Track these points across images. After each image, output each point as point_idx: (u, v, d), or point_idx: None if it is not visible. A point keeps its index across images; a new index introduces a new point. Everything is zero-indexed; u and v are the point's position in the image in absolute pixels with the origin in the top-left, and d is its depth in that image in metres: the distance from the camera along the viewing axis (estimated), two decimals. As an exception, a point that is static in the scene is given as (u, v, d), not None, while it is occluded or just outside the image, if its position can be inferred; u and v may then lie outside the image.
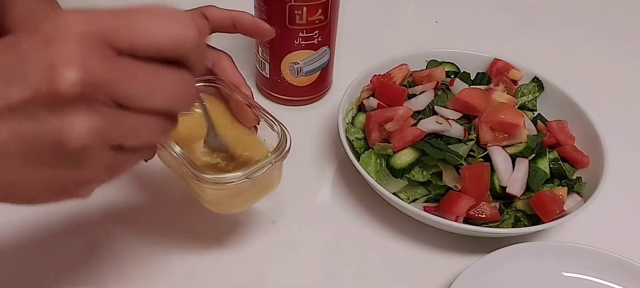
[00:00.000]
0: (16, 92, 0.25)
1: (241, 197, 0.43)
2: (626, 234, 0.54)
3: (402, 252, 0.51)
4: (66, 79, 0.25)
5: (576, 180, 0.53)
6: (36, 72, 0.25)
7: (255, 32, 0.49)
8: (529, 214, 0.49)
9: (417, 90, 0.58)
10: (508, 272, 0.46)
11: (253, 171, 0.40)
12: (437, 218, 0.48)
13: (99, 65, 0.25)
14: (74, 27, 0.25)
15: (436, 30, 0.82)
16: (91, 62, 0.25)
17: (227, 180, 0.39)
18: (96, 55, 0.25)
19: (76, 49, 0.25)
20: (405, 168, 0.50)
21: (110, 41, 0.26)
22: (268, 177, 0.42)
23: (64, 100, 0.25)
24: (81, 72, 0.25)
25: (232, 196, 0.43)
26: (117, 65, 0.26)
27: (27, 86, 0.25)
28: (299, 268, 0.49)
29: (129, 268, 0.48)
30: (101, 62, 0.25)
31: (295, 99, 0.64)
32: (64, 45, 0.25)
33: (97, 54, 0.25)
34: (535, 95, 0.61)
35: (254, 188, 0.43)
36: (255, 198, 0.46)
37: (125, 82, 0.26)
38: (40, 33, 0.26)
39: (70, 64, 0.25)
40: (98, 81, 0.25)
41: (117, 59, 0.26)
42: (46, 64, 0.25)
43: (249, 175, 0.40)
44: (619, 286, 0.47)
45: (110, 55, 0.26)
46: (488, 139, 0.51)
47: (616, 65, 0.77)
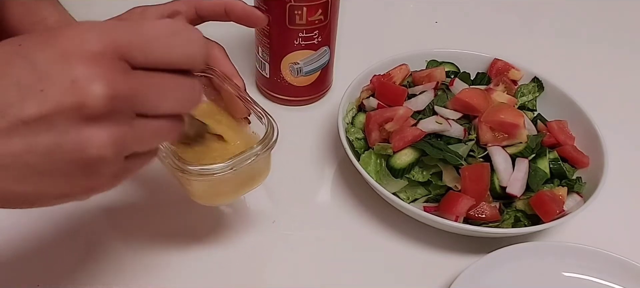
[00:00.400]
0: (33, 107, 0.25)
1: (227, 188, 0.43)
2: (626, 234, 0.54)
3: (402, 252, 0.51)
4: (94, 94, 0.26)
5: (576, 180, 0.53)
6: (57, 88, 0.25)
7: (247, 19, 0.50)
8: (529, 214, 0.49)
9: (417, 90, 0.58)
10: (508, 272, 0.46)
11: (238, 162, 0.40)
12: (437, 218, 0.48)
13: (120, 79, 0.27)
14: (91, 44, 0.26)
15: (436, 30, 0.82)
16: (112, 77, 0.26)
17: (212, 171, 0.39)
18: (116, 70, 0.27)
19: (97, 65, 0.26)
20: (405, 168, 0.50)
21: (125, 56, 0.27)
22: (254, 169, 0.42)
23: (89, 115, 0.26)
24: (107, 87, 0.26)
25: (218, 187, 0.42)
26: (135, 77, 0.28)
27: (47, 101, 0.25)
28: (299, 268, 0.49)
29: (128, 268, 0.48)
30: (121, 76, 0.27)
31: (295, 99, 0.64)
32: (85, 62, 0.26)
33: (116, 69, 0.27)
34: (535, 95, 0.61)
35: (239, 179, 0.42)
36: (242, 190, 0.45)
37: (144, 94, 0.28)
38: (56, 48, 0.26)
39: (95, 80, 0.26)
40: (121, 94, 0.27)
41: (134, 72, 0.28)
42: (68, 81, 0.26)
43: (233, 166, 0.39)
44: (619, 286, 0.47)
45: (127, 69, 0.27)
46: (488, 138, 0.51)
47: (616, 65, 0.77)
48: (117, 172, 0.29)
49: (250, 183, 0.45)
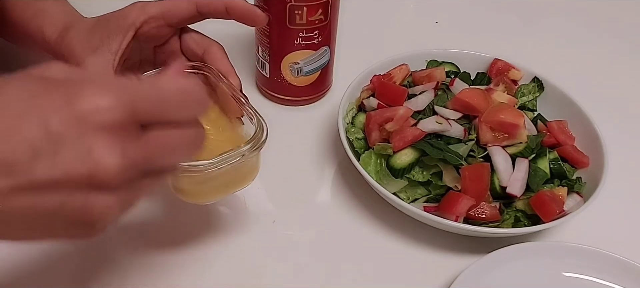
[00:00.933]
0: (44, 170, 0.25)
1: (213, 186, 0.43)
2: (626, 234, 0.54)
3: (402, 252, 0.51)
4: (107, 165, 0.26)
5: (576, 180, 0.53)
6: (71, 155, 0.25)
7: (247, 18, 0.50)
8: (529, 214, 0.49)
9: (417, 90, 0.58)
10: (508, 272, 0.46)
11: (224, 159, 0.40)
12: (437, 218, 0.48)
13: (134, 150, 0.27)
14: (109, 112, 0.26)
15: (436, 30, 0.82)
16: (128, 148, 0.27)
17: (197, 168, 0.39)
18: (131, 139, 0.27)
19: (114, 138, 0.26)
20: (405, 168, 0.50)
21: (140, 119, 0.28)
22: (242, 168, 0.42)
23: (103, 185, 0.26)
24: (121, 159, 0.26)
25: (204, 185, 0.42)
26: (148, 144, 0.28)
27: (58, 166, 0.25)
28: (299, 268, 0.49)
29: (128, 268, 0.48)
30: (134, 144, 0.27)
31: (295, 99, 0.64)
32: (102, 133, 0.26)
33: (131, 137, 0.27)
34: (535, 95, 0.61)
35: (226, 178, 0.42)
36: (229, 190, 0.45)
37: (155, 155, 0.29)
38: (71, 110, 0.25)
39: (112, 153, 0.26)
40: (134, 163, 0.27)
41: (146, 137, 0.28)
42: (83, 149, 0.25)
43: (220, 163, 0.39)
44: (619, 286, 0.47)
45: (139, 133, 0.28)
46: (488, 139, 0.51)
47: (616, 65, 0.77)
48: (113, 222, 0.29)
49: (238, 183, 0.44)
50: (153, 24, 0.49)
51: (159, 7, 0.49)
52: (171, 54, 0.52)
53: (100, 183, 0.26)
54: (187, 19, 0.50)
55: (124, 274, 0.47)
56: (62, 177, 0.25)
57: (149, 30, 0.49)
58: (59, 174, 0.25)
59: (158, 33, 0.50)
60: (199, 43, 0.51)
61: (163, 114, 0.29)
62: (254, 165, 0.44)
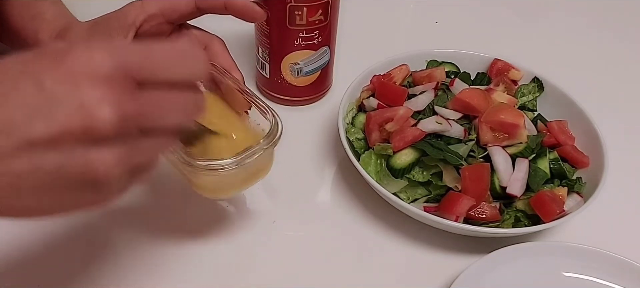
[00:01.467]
0: (41, 128, 0.25)
1: (232, 182, 0.44)
2: (626, 234, 0.54)
3: (402, 252, 0.51)
4: (102, 117, 0.26)
5: (576, 180, 0.53)
6: (66, 111, 0.25)
7: (246, 14, 0.50)
8: (529, 214, 0.49)
9: (417, 91, 0.58)
10: (508, 272, 0.46)
11: (245, 157, 0.40)
12: (437, 218, 0.48)
13: (128, 101, 0.27)
14: (100, 65, 0.26)
15: (436, 30, 0.82)
16: (121, 99, 0.27)
17: (219, 166, 0.39)
18: (124, 91, 0.27)
19: (108, 89, 0.26)
20: (406, 168, 0.50)
21: (134, 76, 0.28)
22: (259, 163, 0.42)
23: (97, 137, 0.26)
24: (115, 110, 0.26)
25: (223, 181, 0.43)
26: (144, 99, 0.28)
27: (55, 123, 0.25)
28: (299, 268, 0.49)
29: (128, 268, 0.48)
30: (129, 98, 0.27)
31: (295, 99, 0.64)
32: (95, 84, 0.26)
33: (125, 90, 0.27)
34: (535, 95, 0.61)
35: (245, 174, 0.43)
36: (246, 184, 0.46)
37: (151, 112, 0.29)
38: (64, 68, 0.26)
39: (105, 103, 0.26)
40: (129, 116, 0.27)
41: (142, 92, 0.28)
42: (77, 102, 0.26)
43: (240, 161, 0.40)
44: (619, 286, 0.47)
45: (135, 88, 0.28)
46: (488, 139, 0.51)
47: (616, 65, 0.77)
48: (123, 187, 0.29)
49: (254, 177, 0.45)
50: (153, 22, 0.49)
51: (158, 5, 0.49)
52: None
53: (97, 135, 0.26)
54: (186, 15, 0.50)
55: (123, 273, 0.47)
56: (59, 133, 0.26)
57: (149, 28, 0.49)
58: (56, 130, 0.25)
59: (158, 30, 0.50)
60: (199, 39, 0.51)
61: (157, 70, 0.29)
62: (269, 158, 0.45)
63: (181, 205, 0.53)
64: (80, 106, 0.26)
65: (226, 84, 0.47)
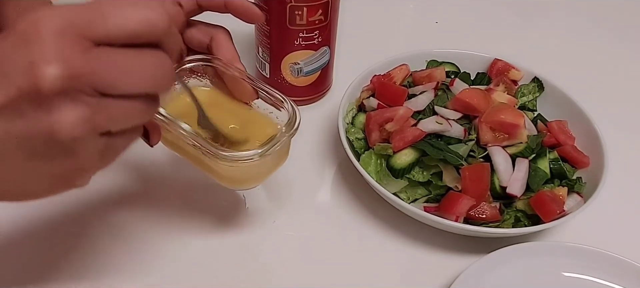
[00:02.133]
0: (1, 93, 0.26)
1: (254, 173, 0.44)
2: (626, 234, 0.54)
3: (402, 252, 0.51)
4: (47, 75, 0.26)
5: (576, 180, 0.53)
6: (17, 72, 0.26)
7: (245, 14, 0.50)
8: (529, 214, 0.49)
9: (417, 91, 0.58)
10: (508, 272, 0.46)
11: (269, 147, 0.41)
12: (437, 218, 0.48)
13: (78, 58, 0.26)
14: (49, 25, 0.26)
15: (436, 30, 0.82)
16: (69, 56, 0.26)
17: (244, 157, 0.40)
18: (73, 48, 0.26)
19: (53, 45, 0.26)
20: (406, 168, 0.50)
21: (85, 33, 0.27)
22: (279, 152, 0.43)
23: (48, 96, 0.26)
24: (61, 67, 0.26)
25: (247, 172, 0.43)
26: (95, 55, 0.27)
27: (10, 86, 0.26)
28: (299, 268, 0.49)
29: (128, 268, 0.48)
30: (79, 55, 0.27)
31: (295, 99, 0.63)
32: (41, 43, 0.26)
33: (75, 48, 0.26)
34: (535, 95, 0.61)
35: (266, 165, 0.43)
36: (267, 174, 0.46)
37: (104, 70, 0.27)
38: (17, 33, 0.26)
39: (50, 61, 0.26)
40: (78, 73, 0.26)
41: (94, 49, 0.27)
42: (26, 63, 0.26)
43: (264, 152, 0.40)
44: (619, 286, 0.47)
45: (88, 47, 0.27)
46: (488, 139, 0.51)
47: (616, 65, 0.77)
48: (102, 149, 0.29)
49: (275, 167, 0.46)
50: None
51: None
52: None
53: (48, 94, 0.26)
54: (188, 12, 0.50)
55: (122, 273, 0.47)
56: (15, 96, 0.26)
57: None
58: (12, 94, 0.26)
59: None
60: (204, 32, 0.51)
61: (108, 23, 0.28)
62: (288, 147, 0.45)
63: (181, 205, 0.53)
64: (29, 65, 0.26)
65: (230, 75, 0.47)
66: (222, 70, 0.47)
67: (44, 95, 0.26)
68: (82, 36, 0.27)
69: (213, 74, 0.48)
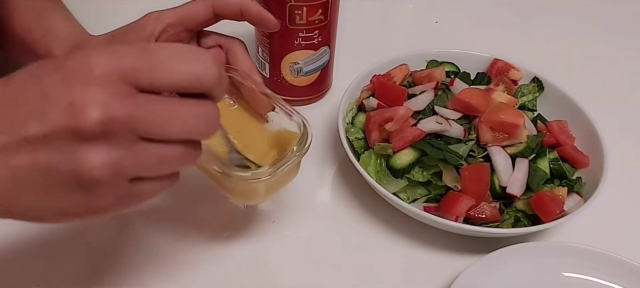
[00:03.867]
0: (35, 127, 0.27)
1: (264, 189, 0.44)
2: (626, 234, 0.54)
3: (402, 252, 0.51)
4: (88, 117, 0.27)
5: (576, 180, 0.53)
6: (56, 110, 0.27)
7: (260, 22, 0.51)
8: (529, 214, 0.49)
9: (417, 90, 0.58)
10: (508, 272, 0.46)
11: (280, 166, 0.41)
12: (437, 218, 0.48)
13: (119, 104, 0.27)
14: (96, 68, 0.27)
15: (436, 30, 0.82)
16: (111, 101, 0.27)
17: (255, 177, 0.41)
18: (116, 93, 0.27)
19: (99, 89, 0.27)
20: (405, 168, 0.50)
21: (130, 79, 0.28)
22: (289, 170, 0.43)
23: (83, 137, 0.27)
24: (102, 111, 0.27)
25: (257, 188, 0.44)
26: (137, 102, 0.28)
27: (46, 122, 0.27)
28: (299, 268, 0.49)
29: (128, 267, 0.48)
30: (121, 100, 0.27)
31: (295, 99, 0.64)
32: (86, 85, 0.27)
33: (118, 93, 0.27)
34: (535, 95, 0.61)
35: (276, 181, 0.44)
36: (276, 189, 0.47)
37: (146, 118, 0.28)
38: (62, 72, 0.27)
39: (93, 104, 0.27)
40: (118, 118, 0.27)
41: (137, 95, 0.28)
42: (66, 102, 0.27)
43: (275, 170, 0.41)
44: (619, 286, 0.47)
45: (131, 93, 0.28)
46: (488, 139, 0.51)
47: (616, 65, 0.77)
48: (121, 194, 0.29)
49: (285, 183, 0.46)
50: (171, 31, 0.49)
51: (175, 14, 0.49)
52: None
53: (83, 134, 0.27)
54: (203, 22, 0.50)
55: (122, 272, 0.47)
56: (50, 131, 0.27)
57: (167, 38, 0.49)
58: (47, 129, 0.27)
59: (177, 39, 0.50)
60: (220, 42, 0.52)
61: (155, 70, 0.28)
62: (298, 163, 0.46)
63: (180, 206, 0.53)
64: (69, 105, 0.27)
65: (247, 87, 0.48)
66: (239, 81, 0.48)
67: (79, 135, 0.27)
68: (127, 82, 0.28)
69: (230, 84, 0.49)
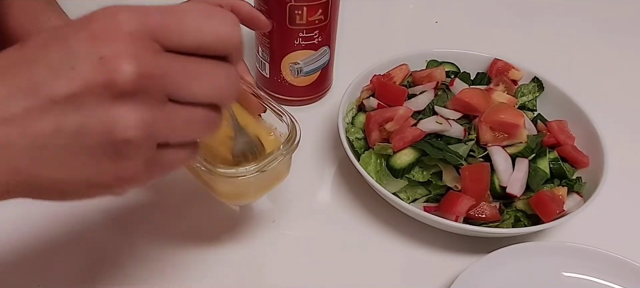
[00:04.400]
0: (63, 85, 0.26)
1: (252, 189, 0.44)
2: (626, 234, 0.54)
3: (402, 252, 0.51)
4: (123, 71, 0.25)
5: (576, 180, 0.53)
6: (87, 66, 0.25)
7: (251, 22, 0.50)
8: (529, 214, 0.49)
9: (417, 90, 0.58)
10: (508, 272, 0.46)
11: (266, 163, 0.41)
12: (437, 218, 0.48)
13: (152, 60, 0.26)
14: (124, 25, 0.26)
15: (436, 30, 0.82)
16: (144, 56, 0.26)
17: (240, 174, 0.40)
18: (146, 50, 0.26)
19: (129, 44, 0.26)
20: (405, 168, 0.50)
21: (159, 38, 0.27)
22: (278, 169, 0.43)
23: (117, 93, 0.26)
24: (136, 65, 0.26)
25: (244, 188, 0.43)
26: (167, 59, 0.27)
27: (76, 79, 0.25)
28: (299, 267, 0.49)
29: (128, 267, 0.48)
30: (152, 56, 0.26)
31: (295, 99, 0.64)
32: (116, 41, 0.26)
33: (148, 48, 0.26)
34: (535, 95, 0.61)
35: (265, 180, 0.44)
36: (266, 189, 0.46)
37: (176, 76, 0.27)
38: (89, 30, 0.26)
39: (126, 57, 0.26)
40: (151, 74, 0.26)
41: (165, 53, 0.27)
42: (97, 58, 0.25)
43: (261, 168, 0.40)
44: (619, 286, 0.47)
45: (159, 50, 0.27)
46: (488, 138, 0.51)
47: (616, 65, 0.77)
48: (149, 160, 0.28)
49: (274, 183, 0.46)
50: None
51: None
52: None
53: (117, 91, 0.26)
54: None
55: (121, 272, 0.47)
56: (80, 89, 0.26)
57: None
58: (77, 87, 0.26)
59: None
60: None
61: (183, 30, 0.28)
62: (288, 163, 0.46)
63: (180, 207, 0.53)
64: (100, 60, 0.25)
65: (240, 89, 0.47)
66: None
67: (112, 92, 0.26)
68: (156, 40, 0.27)
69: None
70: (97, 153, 0.27)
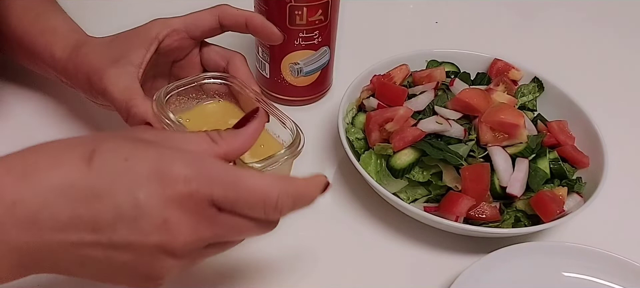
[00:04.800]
0: (124, 233, 0.29)
1: None
2: (626, 234, 0.54)
3: (402, 252, 0.51)
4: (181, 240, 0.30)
5: (576, 180, 0.53)
6: (150, 225, 0.29)
7: (264, 34, 0.52)
8: (529, 214, 0.49)
9: (417, 90, 0.58)
10: (508, 272, 0.46)
11: (268, 164, 0.41)
12: (437, 218, 0.48)
13: (206, 227, 0.31)
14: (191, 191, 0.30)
15: (436, 30, 0.82)
16: (201, 226, 0.30)
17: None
18: (205, 218, 0.31)
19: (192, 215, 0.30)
20: (406, 168, 0.50)
21: (217, 204, 0.31)
22: (280, 171, 0.44)
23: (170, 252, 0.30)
24: (192, 234, 0.30)
25: None
26: (219, 224, 0.31)
27: (136, 232, 0.29)
28: (299, 268, 0.49)
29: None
30: (208, 225, 0.31)
31: (295, 99, 0.64)
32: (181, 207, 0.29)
33: (206, 217, 0.31)
34: (535, 95, 0.61)
35: None
36: None
37: (222, 235, 0.33)
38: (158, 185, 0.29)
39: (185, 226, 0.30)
40: (203, 239, 0.31)
41: (218, 216, 0.31)
42: (161, 219, 0.29)
43: (263, 168, 0.41)
44: (619, 286, 0.47)
45: (214, 215, 0.31)
46: (488, 139, 0.51)
47: (616, 65, 0.77)
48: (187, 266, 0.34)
49: None
50: (176, 36, 0.50)
51: (181, 21, 0.50)
52: (190, 68, 0.53)
53: (170, 252, 0.30)
54: (208, 31, 0.51)
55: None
56: (137, 242, 0.29)
57: (171, 43, 0.50)
58: (135, 239, 0.29)
59: (180, 45, 0.51)
60: (222, 55, 0.53)
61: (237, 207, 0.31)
62: (289, 169, 0.46)
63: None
64: (163, 225, 0.29)
65: (246, 96, 0.49)
66: (237, 90, 0.50)
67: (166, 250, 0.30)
68: (212, 204, 0.31)
69: (228, 93, 0.51)
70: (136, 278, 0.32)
